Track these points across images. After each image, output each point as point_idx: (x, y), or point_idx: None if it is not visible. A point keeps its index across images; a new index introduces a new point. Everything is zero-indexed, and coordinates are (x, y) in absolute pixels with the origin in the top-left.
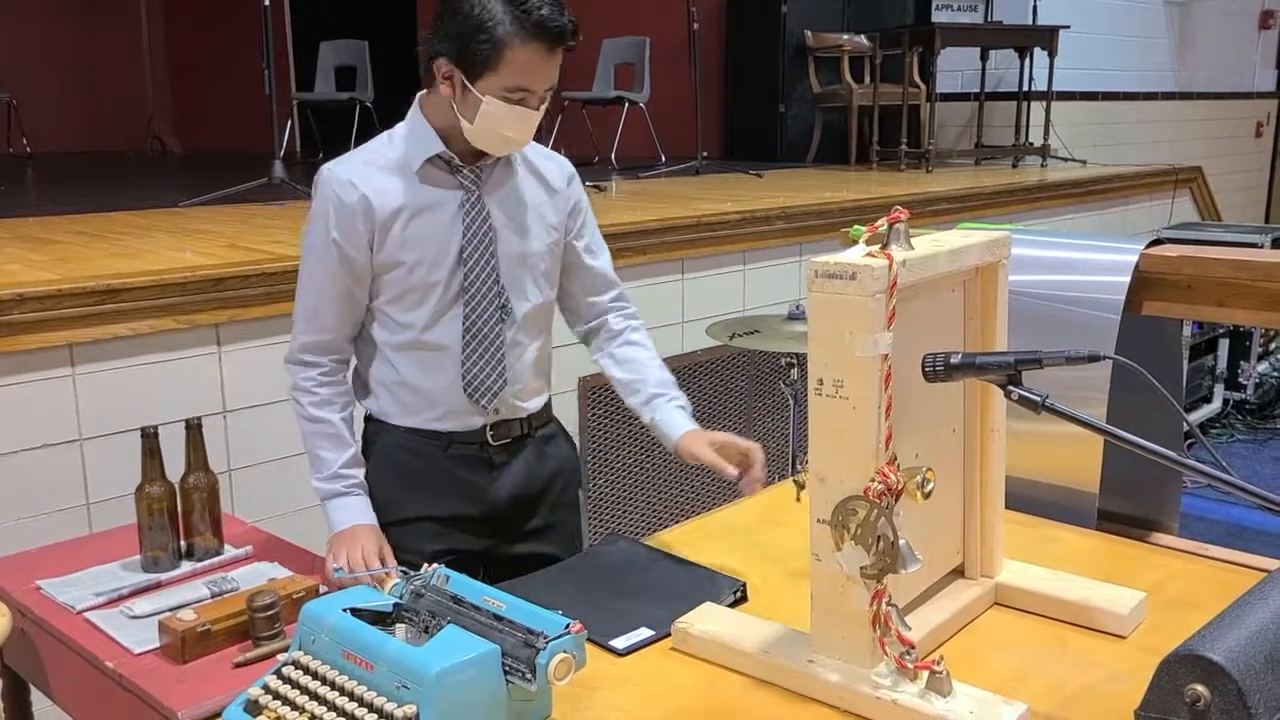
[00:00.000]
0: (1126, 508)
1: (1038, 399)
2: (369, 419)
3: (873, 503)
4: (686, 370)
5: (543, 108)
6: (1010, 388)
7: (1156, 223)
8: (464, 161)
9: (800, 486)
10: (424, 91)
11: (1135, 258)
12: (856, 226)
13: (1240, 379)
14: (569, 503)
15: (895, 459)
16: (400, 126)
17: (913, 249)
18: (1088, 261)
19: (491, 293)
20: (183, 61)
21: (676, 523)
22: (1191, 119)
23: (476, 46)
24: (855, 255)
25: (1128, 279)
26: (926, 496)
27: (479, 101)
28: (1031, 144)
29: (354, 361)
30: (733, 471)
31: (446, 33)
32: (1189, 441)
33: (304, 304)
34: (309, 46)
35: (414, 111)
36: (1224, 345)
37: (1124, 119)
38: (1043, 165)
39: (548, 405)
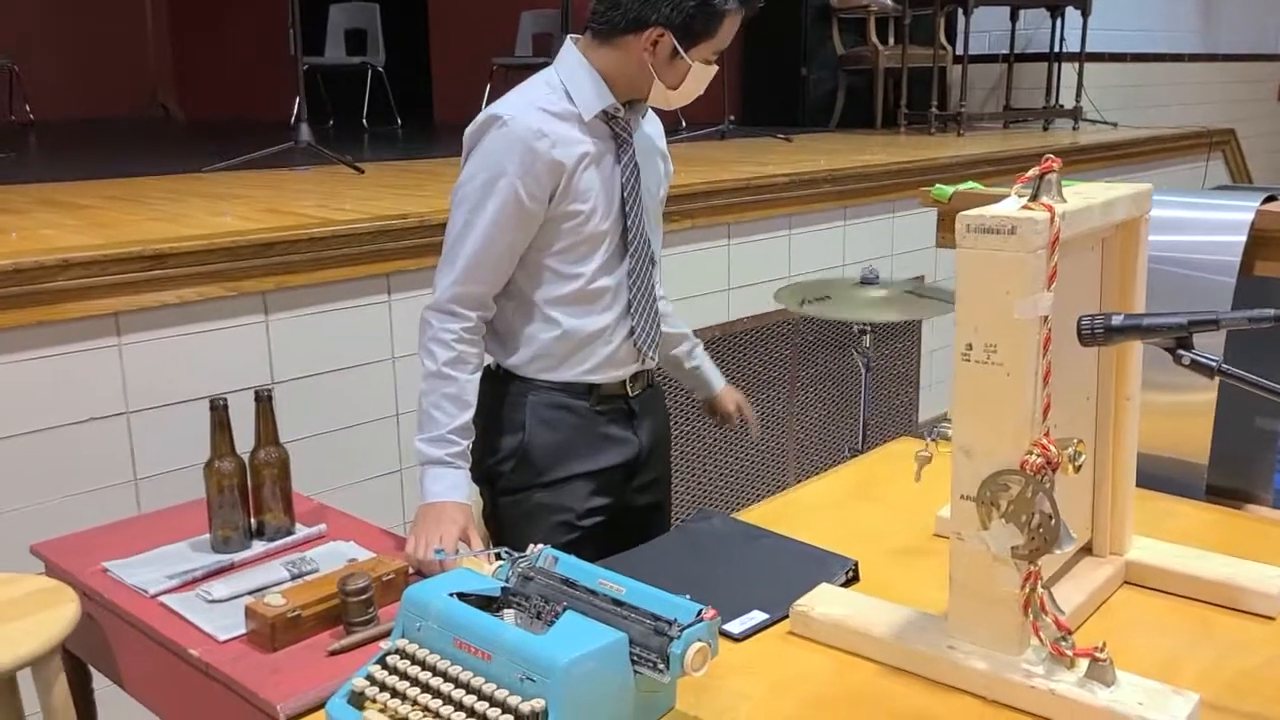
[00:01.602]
0: (1230, 481)
1: (1213, 364)
2: (512, 378)
3: (1029, 477)
4: (734, 339)
5: None
6: (1181, 351)
7: (1192, 187)
8: (623, 105)
9: (924, 461)
10: (577, 38)
11: (1250, 215)
12: (939, 185)
13: None
14: (667, 454)
15: (1050, 430)
16: (555, 74)
17: (1065, 201)
18: (1199, 220)
19: (643, 240)
20: (186, 26)
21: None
22: (1216, 81)
23: (702, 17)
24: (1010, 208)
25: (1243, 239)
26: (1078, 470)
27: (688, 67)
28: (1062, 106)
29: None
30: (757, 430)
31: (663, 2)
32: None
33: (463, 252)
34: (318, 10)
35: (578, 60)
36: None
37: (1153, 81)
38: (1074, 128)
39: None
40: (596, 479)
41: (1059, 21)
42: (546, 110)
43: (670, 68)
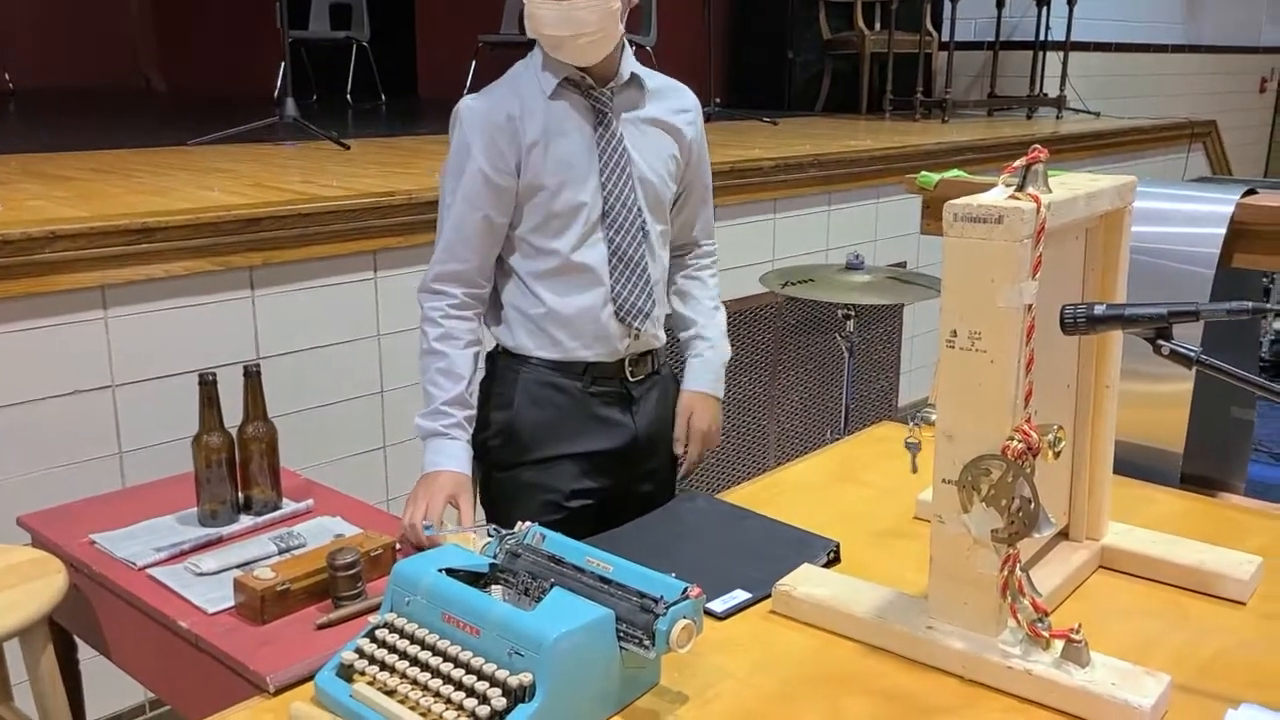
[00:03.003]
0: (1204, 469)
1: (1192, 354)
2: (505, 354)
3: (1010, 462)
4: None
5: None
6: (1160, 341)
7: (1172, 178)
8: (599, 83)
9: (916, 449)
10: None
11: (1230, 208)
12: (924, 173)
13: (1259, 336)
14: (672, 443)
15: (1031, 417)
16: (530, 57)
17: (1051, 192)
18: (1180, 212)
19: (631, 213)
20: None
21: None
22: (1199, 73)
23: None
24: (997, 197)
25: (1223, 231)
26: (1058, 456)
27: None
28: (1046, 94)
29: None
30: (680, 450)
31: None
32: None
33: (442, 234)
34: None
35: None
36: None
37: (1135, 71)
38: (1058, 117)
39: (665, 344)
40: (586, 461)
41: (1044, 10)
42: (514, 89)
43: (528, 19)
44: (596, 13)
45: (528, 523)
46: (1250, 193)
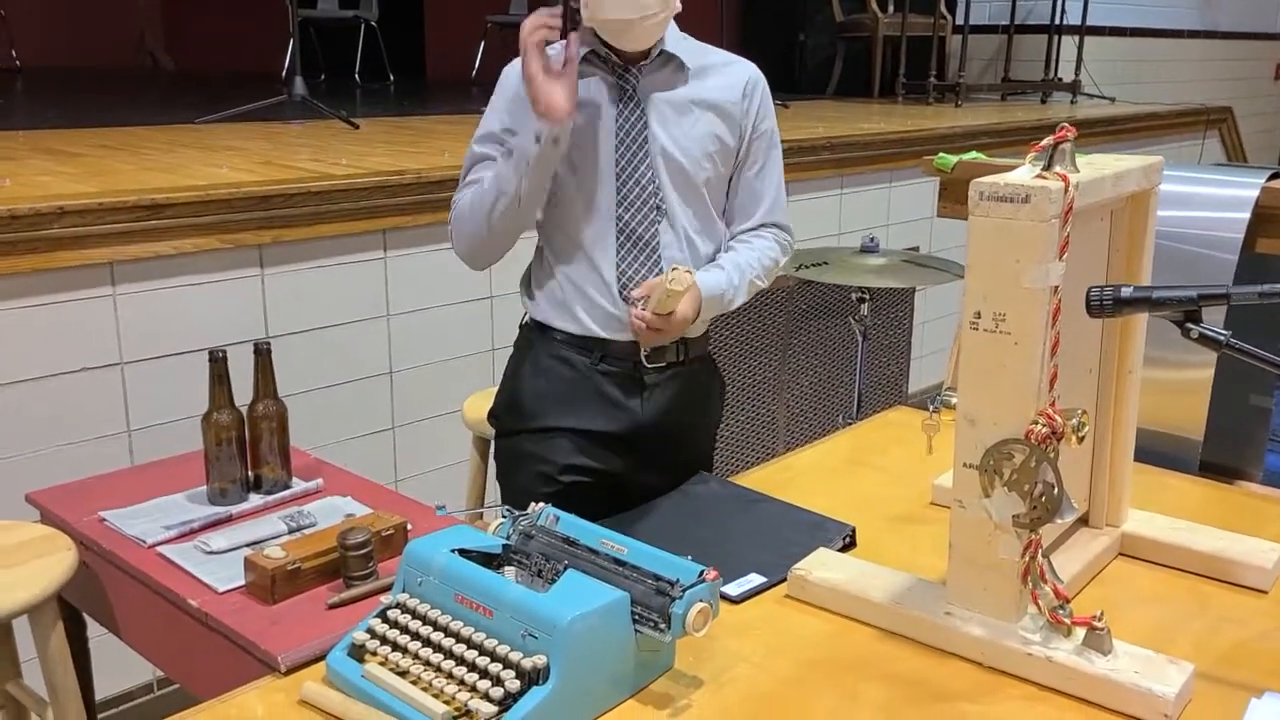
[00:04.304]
0: (1224, 457)
1: (1222, 337)
2: (533, 324)
3: (1034, 447)
4: None
5: None
6: (1189, 325)
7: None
8: (627, 61)
9: (933, 430)
10: None
11: (1255, 193)
12: (942, 155)
13: None
14: (707, 440)
15: (1055, 401)
16: None
17: (1079, 172)
18: (1203, 196)
19: (646, 192)
20: None
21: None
22: (1213, 59)
23: None
24: (1024, 176)
25: (1247, 215)
26: (1081, 441)
27: None
28: (1061, 79)
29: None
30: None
31: None
32: None
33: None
34: None
35: None
36: None
37: (1151, 56)
38: (1073, 102)
39: (705, 336)
40: (584, 438)
41: None
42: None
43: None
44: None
45: (541, 504)
46: (1275, 177)
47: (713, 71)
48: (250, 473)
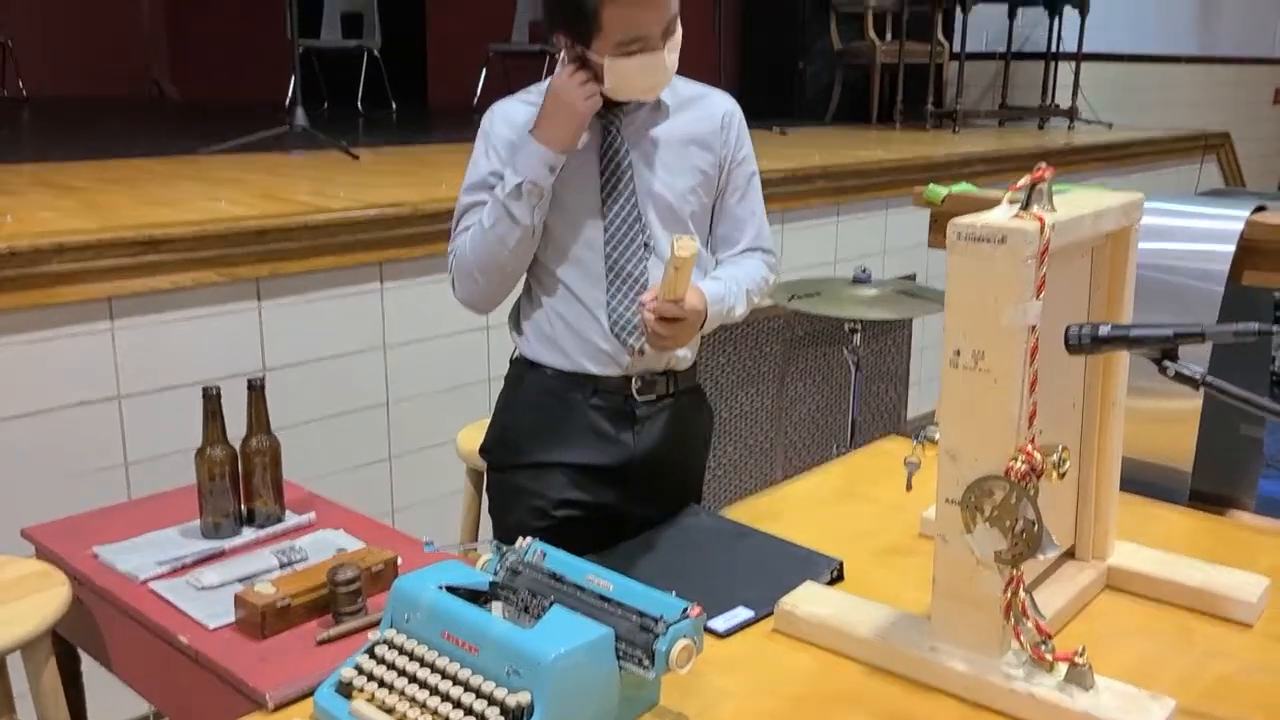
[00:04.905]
0: (1214, 486)
1: (1197, 375)
2: (522, 360)
3: (1014, 483)
4: (724, 332)
5: (670, 41)
6: (1166, 363)
7: (1185, 190)
8: (611, 103)
9: (914, 468)
10: None
11: (1240, 225)
12: (932, 186)
13: (1270, 352)
14: (698, 470)
15: (1035, 437)
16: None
17: (1055, 210)
18: (1190, 229)
19: (633, 230)
20: (181, 3)
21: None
22: (1212, 83)
23: (575, 18)
24: (1001, 216)
25: (1232, 248)
26: (1062, 477)
27: (600, 64)
28: (1058, 105)
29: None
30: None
31: (549, 9)
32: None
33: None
34: None
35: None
36: None
37: (1148, 82)
38: (1070, 128)
39: (693, 368)
40: (577, 473)
41: (1057, 20)
42: (526, 101)
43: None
44: (678, 50)
45: (528, 539)
46: (1260, 209)
47: (691, 105)
48: (243, 507)
